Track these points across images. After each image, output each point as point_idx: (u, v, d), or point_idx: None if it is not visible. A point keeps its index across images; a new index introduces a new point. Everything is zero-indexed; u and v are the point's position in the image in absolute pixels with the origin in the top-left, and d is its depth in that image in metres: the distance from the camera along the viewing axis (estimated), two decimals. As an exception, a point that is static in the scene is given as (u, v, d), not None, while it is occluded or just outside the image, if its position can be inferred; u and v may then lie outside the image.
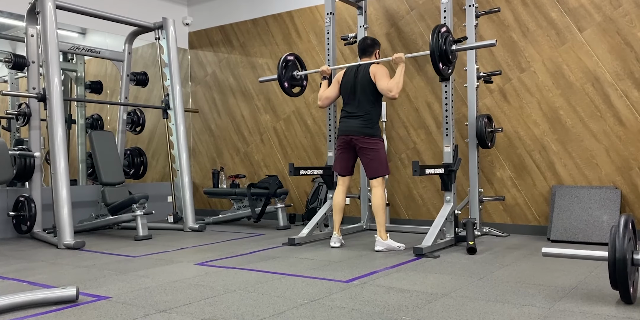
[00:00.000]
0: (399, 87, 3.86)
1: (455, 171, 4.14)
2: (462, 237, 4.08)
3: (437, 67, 3.72)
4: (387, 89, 3.87)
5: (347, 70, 4.21)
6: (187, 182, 5.49)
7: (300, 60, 4.70)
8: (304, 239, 4.33)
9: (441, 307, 2.38)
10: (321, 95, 4.30)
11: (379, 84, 3.94)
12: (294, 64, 4.62)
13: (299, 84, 4.66)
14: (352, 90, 4.07)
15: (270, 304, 2.46)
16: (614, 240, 2.25)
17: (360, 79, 4.05)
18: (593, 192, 4.34)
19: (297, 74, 4.59)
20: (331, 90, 4.26)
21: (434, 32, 3.69)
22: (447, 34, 3.76)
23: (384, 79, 3.93)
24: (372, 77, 3.98)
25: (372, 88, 3.99)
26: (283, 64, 4.52)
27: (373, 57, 4.19)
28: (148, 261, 3.66)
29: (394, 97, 3.90)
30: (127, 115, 6.06)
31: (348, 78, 4.15)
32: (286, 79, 4.53)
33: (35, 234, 4.89)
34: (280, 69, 4.50)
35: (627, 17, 4.28)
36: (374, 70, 4.00)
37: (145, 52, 6.96)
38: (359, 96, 4.03)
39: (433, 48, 3.68)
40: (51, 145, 4.46)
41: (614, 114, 4.34)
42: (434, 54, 3.68)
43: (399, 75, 3.88)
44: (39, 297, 2.47)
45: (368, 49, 4.19)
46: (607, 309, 2.29)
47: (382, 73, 3.97)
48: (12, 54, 5.06)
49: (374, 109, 4.04)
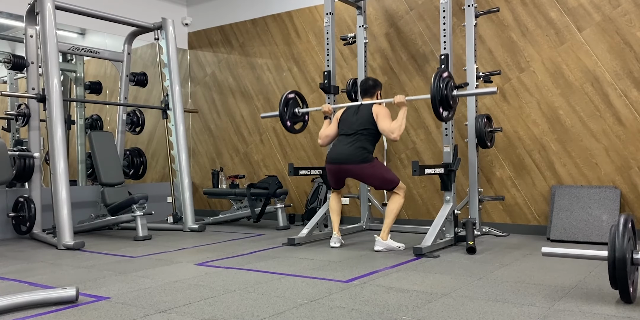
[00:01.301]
0: (400, 130, 3.87)
1: (455, 171, 4.14)
2: (461, 237, 4.08)
3: (438, 112, 3.74)
4: (390, 131, 3.88)
5: (348, 108, 4.23)
6: (186, 183, 5.49)
7: (302, 96, 4.69)
8: (303, 239, 4.33)
9: (441, 306, 2.38)
10: (321, 134, 4.31)
11: (380, 125, 3.94)
12: (295, 101, 4.62)
13: (300, 120, 4.67)
14: (351, 126, 4.07)
15: (270, 304, 2.46)
16: (614, 239, 2.25)
17: (361, 115, 4.06)
18: (592, 192, 4.34)
19: (298, 111, 4.60)
20: (331, 129, 4.26)
21: (436, 77, 3.70)
22: (448, 79, 3.78)
23: (387, 120, 3.94)
24: (374, 116, 3.99)
25: (373, 126, 3.99)
26: (284, 102, 4.52)
27: (374, 97, 4.22)
28: (148, 262, 3.66)
29: (395, 139, 3.91)
30: (126, 116, 6.06)
31: (348, 114, 4.16)
32: (288, 117, 4.53)
33: (35, 235, 4.89)
34: (282, 107, 4.49)
35: (627, 17, 4.28)
36: (376, 110, 4.01)
37: (145, 53, 6.96)
38: (357, 131, 4.02)
39: (434, 93, 3.68)
40: (51, 146, 4.46)
41: (613, 114, 4.34)
42: (434, 99, 3.69)
43: (402, 119, 3.89)
44: (39, 298, 2.47)
45: (370, 89, 4.22)
46: (607, 309, 2.29)
47: (385, 114, 3.98)
48: (12, 54, 5.06)
49: (369, 144, 4.01)
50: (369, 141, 4.01)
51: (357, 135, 4.00)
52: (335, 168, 4.05)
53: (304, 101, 4.70)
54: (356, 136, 4.00)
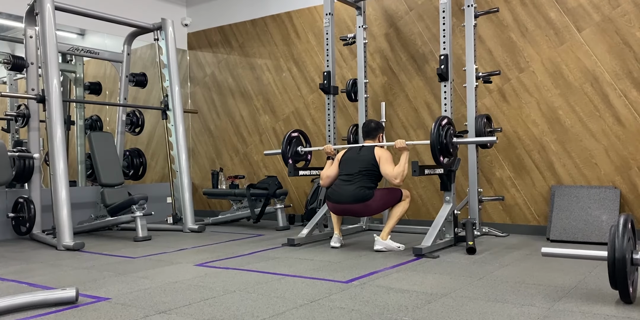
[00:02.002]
0: (403, 176, 3.89)
1: (455, 171, 4.14)
2: (461, 237, 4.08)
3: (437, 159, 3.76)
4: (393, 176, 3.89)
5: (350, 149, 4.25)
6: (186, 183, 5.49)
7: (305, 135, 4.70)
8: (303, 240, 4.33)
9: (441, 307, 2.38)
10: (323, 175, 4.31)
11: (383, 169, 3.96)
12: (298, 140, 4.63)
13: (303, 159, 4.68)
14: (352, 166, 4.07)
15: (270, 305, 2.46)
16: (614, 239, 2.25)
17: (363, 156, 4.07)
18: (592, 192, 4.34)
19: (301, 150, 4.61)
20: (332, 169, 4.25)
21: (435, 124, 3.72)
22: (448, 126, 3.79)
23: (389, 165, 3.95)
24: (376, 159, 4.01)
25: (374, 168, 4.00)
26: (287, 140, 4.53)
27: (377, 140, 4.24)
28: (148, 262, 3.66)
29: (398, 184, 3.94)
30: (126, 116, 6.06)
31: (350, 155, 4.17)
32: (290, 155, 4.53)
33: (35, 236, 4.89)
34: (284, 146, 4.49)
35: (626, 17, 4.28)
36: (379, 153, 4.03)
37: (144, 53, 6.96)
38: (359, 171, 4.02)
39: (434, 140, 3.70)
40: (50, 147, 4.46)
41: (612, 114, 4.34)
42: (434, 147, 3.71)
43: (404, 164, 3.91)
44: (39, 299, 2.47)
45: (372, 132, 4.23)
46: (607, 309, 2.29)
47: (387, 157, 4.00)
48: (11, 55, 5.06)
49: (371, 182, 4.01)
50: (371, 180, 4.01)
51: (359, 175, 4.00)
52: (339, 208, 4.06)
53: (307, 140, 4.70)
54: (358, 177, 4.00)
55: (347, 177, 4.06)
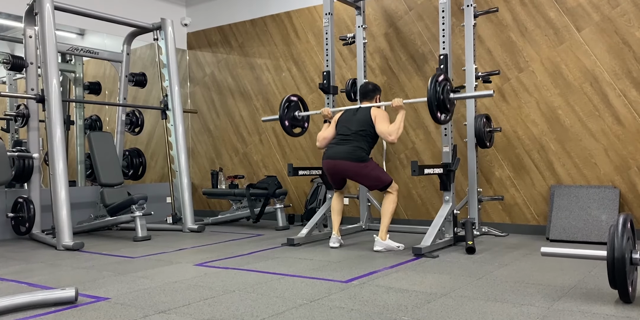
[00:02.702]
0: (398, 133, 3.89)
1: (454, 171, 4.14)
2: (461, 237, 4.08)
3: (435, 116, 3.74)
4: (387, 133, 3.90)
5: (346, 111, 4.25)
6: (186, 183, 5.49)
7: (304, 102, 4.70)
8: (303, 240, 4.33)
9: (440, 306, 2.38)
10: (319, 136, 4.33)
11: (378, 127, 3.97)
12: (297, 105, 4.63)
13: (300, 124, 4.67)
14: (349, 125, 4.09)
15: (270, 305, 2.46)
16: (613, 239, 2.25)
17: (359, 117, 4.08)
18: (592, 192, 4.34)
19: (298, 115, 4.61)
20: (329, 131, 4.27)
21: (432, 81, 3.70)
22: (444, 82, 3.78)
23: (385, 123, 3.96)
24: (372, 118, 4.02)
25: (370, 128, 4.01)
26: (286, 103, 4.53)
27: (373, 101, 4.24)
28: (147, 262, 3.66)
29: (392, 141, 3.94)
30: (125, 116, 6.06)
31: (346, 116, 4.18)
32: (287, 118, 4.53)
33: (34, 235, 4.88)
34: (282, 110, 4.50)
35: (625, 17, 4.28)
36: (375, 113, 4.04)
37: (144, 53, 6.96)
38: (354, 131, 4.04)
39: (431, 97, 3.68)
40: (50, 146, 4.46)
41: (612, 114, 4.34)
42: (431, 103, 3.69)
43: (400, 122, 3.91)
44: (38, 299, 2.47)
45: (369, 93, 4.24)
46: (606, 308, 2.30)
47: (383, 117, 4.01)
48: (11, 55, 5.06)
49: (366, 144, 4.03)
50: (366, 142, 4.02)
51: (355, 136, 4.03)
52: (331, 164, 4.07)
53: (305, 106, 4.70)
54: (353, 137, 4.03)
55: (343, 137, 4.07)
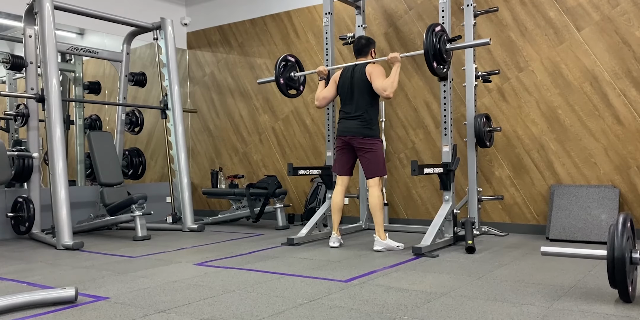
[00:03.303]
0: (393, 86, 3.87)
1: (454, 170, 4.14)
2: (461, 236, 4.08)
3: (432, 66, 3.72)
4: (382, 88, 3.89)
5: (344, 70, 4.22)
6: (185, 183, 5.49)
7: (300, 64, 4.69)
8: (302, 239, 4.33)
9: (440, 306, 2.38)
10: (318, 96, 4.32)
11: (374, 83, 3.95)
12: (293, 66, 4.62)
13: (295, 86, 4.66)
14: (349, 91, 4.09)
15: (269, 304, 2.46)
16: (613, 239, 2.25)
17: (357, 79, 4.06)
18: (591, 191, 4.34)
19: (294, 75, 4.60)
20: (328, 90, 4.27)
21: (428, 31, 3.69)
22: (441, 33, 3.76)
23: (380, 78, 3.94)
24: (368, 76, 4.00)
25: (369, 88, 4.00)
26: (282, 62, 4.53)
27: (369, 56, 4.20)
28: (147, 262, 3.66)
29: (388, 96, 3.90)
30: (125, 116, 6.06)
31: (345, 78, 4.16)
32: (283, 77, 4.53)
33: (34, 235, 4.88)
34: (278, 68, 4.50)
35: (625, 16, 4.28)
36: (369, 70, 4.01)
37: (144, 53, 6.96)
38: (356, 96, 4.04)
39: (427, 47, 3.67)
40: (50, 146, 4.46)
41: (612, 113, 4.34)
42: (428, 53, 3.68)
43: (394, 75, 3.89)
44: (38, 298, 2.47)
45: (363, 48, 4.20)
46: (606, 308, 2.30)
47: (378, 72, 3.98)
48: (10, 54, 5.06)
49: (371, 108, 4.05)
50: (371, 106, 4.04)
51: (358, 104, 4.02)
52: (346, 139, 4.08)
53: (301, 68, 4.69)
54: (358, 105, 4.02)
55: (347, 107, 4.09)
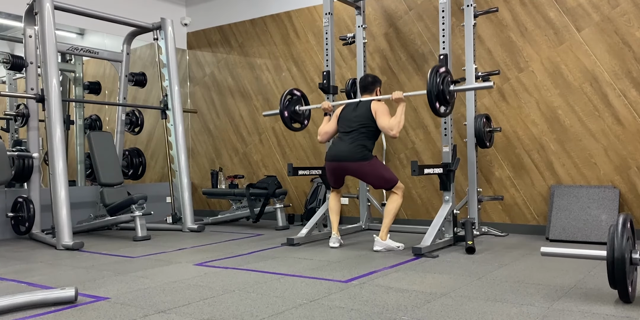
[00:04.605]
0: (399, 127, 3.88)
1: (454, 171, 4.14)
2: (461, 236, 4.08)
3: (435, 108, 3.73)
4: (389, 128, 3.88)
5: (347, 105, 4.24)
6: (185, 183, 5.49)
7: (305, 98, 4.69)
8: (302, 239, 4.33)
9: (440, 306, 2.38)
10: (320, 130, 4.32)
11: (379, 121, 3.95)
12: (299, 100, 4.62)
13: (300, 120, 4.66)
14: (350, 123, 4.07)
15: (269, 304, 2.46)
16: (613, 239, 2.25)
17: (360, 112, 4.06)
18: (591, 192, 4.34)
19: (299, 109, 4.60)
20: (330, 125, 4.27)
21: (432, 73, 3.69)
22: (445, 74, 3.77)
23: (385, 117, 3.95)
24: (373, 113, 4.00)
25: (372, 124, 3.99)
26: (287, 96, 4.54)
27: (374, 94, 4.22)
28: (147, 262, 3.66)
29: (394, 136, 3.92)
30: (125, 116, 6.06)
31: (347, 111, 4.17)
32: (288, 111, 4.52)
33: (34, 235, 4.88)
34: (283, 101, 4.49)
35: (625, 17, 4.28)
36: (375, 107, 4.02)
37: (144, 53, 6.96)
38: (356, 128, 4.02)
39: (430, 88, 3.67)
40: (50, 146, 4.46)
41: (612, 114, 4.34)
42: (431, 94, 3.68)
43: (400, 115, 3.89)
44: (38, 298, 2.47)
45: (369, 86, 4.22)
46: (606, 308, 2.30)
47: (383, 110, 3.99)
48: (10, 54, 5.06)
49: (369, 141, 4.02)
50: (368, 138, 4.01)
51: (356, 133, 4.01)
52: (335, 165, 4.06)
53: (306, 101, 4.70)
54: (355, 134, 4.01)
55: (344, 135, 4.06)
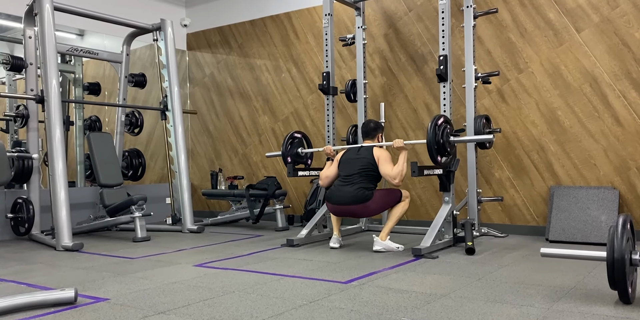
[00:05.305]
0: (402, 175, 3.89)
1: (454, 172, 4.14)
2: (460, 237, 4.08)
3: (435, 159, 3.75)
4: (392, 177, 3.90)
5: (349, 150, 4.26)
6: (185, 184, 5.49)
7: (307, 138, 4.70)
8: (302, 240, 4.33)
9: (440, 307, 2.38)
10: (322, 175, 4.32)
11: (382, 169, 3.97)
12: (300, 142, 4.63)
13: (303, 161, 4.67)
14: (352, 166, 4.07)
15: (269, 305, 2.45)
16: (612, 240, 2.25)
17: (362, 157, 4.07)
18: (591, 193, 4.35)
19: (301, 151, 4.61)
20: (331, 170, 4.26)
21: (432, 124, 3.71)
22: (445, 125, 3.78)
23: (388, 165, 3.96)
24: (375, 159, 4.01)
25: (374, 168, 4.00)
26: (289, 140, 4.54)
27: (375, 140, 4.25)
28: (147, 263, 3.66)
29: (397, 184, 3.94)
30: (125, 117, 6.06)
31: (349, 155, 4.18)
32: (290, 155, 4.53)
33: (34, 236, 4.88)
34: (285, 147, 4.50)
35: (625, 18, 4.29)
36: (377, 154, 4.03)
37: (143, 54, 6.96)
38: (357, 172, 4.02)
39: (430, 140, 3.69)
40: (49, 147, 4.46)
41: (611, 115, 4.35)
42: (431, 146, 3.70)
43: (402, 164, 3.90)
44: (38, 299, 2.46)
45: (371, 132, 4.24)
46: (606, 309, 2.30)
47: (386, 157, 4.01)
48: (10, 55, 5.06)
49: (370, 184, 4.01)
50: (370, 181, 4.01)
51: (357, 176, 4.00)
52: (338, 209, 4.06)
53: (308, 142, 4.70)
54: (357, 177, 4.00)
55: (346, 179, 4.06)
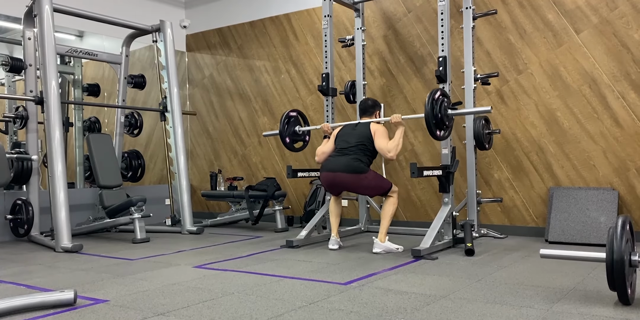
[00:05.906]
0: (397, 149, 3.90)
1: (453, 173, 4.14)
2: (460, 238, 4.09)
3: (433, 132, 3.75)
4: (387, 150, 3.91)
5: (346, 125, 4.27)
6: (184, 185, 5.49)
7: (303, 116, 4.70)
8: (302, 241, 4.33)
9: (439, 309, 2.38)
10: (318, 151, 4.33)
11: (377, 142, 3.98)
12: (297, 120, 4.63)
13: (300, 139, 4.68)
14: (348, 140, 4.09)
15: (269, 307, 2.45)
16: (612, 241, 2.25)
17: (359, 132, 4.09)
18: (590, 194, 4.35)
19: (299, 130, 4.62)
20: (328, 146, 4.27)
21: (429, 98, 3.70)
22: (442, 99, 3.78)
23: (384, 139, 3.98)
24: (372, 133, 4.03)
25: (370, 142, 4.02)
26: (285, 119, 4.54)
27: (373, 117, 4.26)
28: (146, 264, 3.66)
29: (391, 158, 3.94)
30: (124, 118, 6.05)
31: (345, 130, 4.20)
32: (288, 134, 4.54)
33: (33, 237, 4.88)
34: (282, 125, 4.51)
35: (624, 19, 4.29)
36: (374, 128, 4.05)
37: (143, 55, 6.96)
38: (354, 145, 4.04)
39: (428, 113, 3.68)
40: (49, 148, 4.46)
41: (610, 116, 4.35)
42: (429, 119, 3.70)
43: (399, 138, 3.92)
44: (37, 301, 2.46)
45: (369, 109, 4.27)
46: (605, 311, 2.30)
47: (383, 132, 4.03)
48: (10, 57, 5.07)
49: (365, 157, 4.03)
50: (365, 155, 4.02)
51: (354, 148, 4.03)
52: (330, 176, 4.05)
53: (305, 119, 4.70)
54: (353, 149, 4.03)
55: (341, 150, 4.08)
